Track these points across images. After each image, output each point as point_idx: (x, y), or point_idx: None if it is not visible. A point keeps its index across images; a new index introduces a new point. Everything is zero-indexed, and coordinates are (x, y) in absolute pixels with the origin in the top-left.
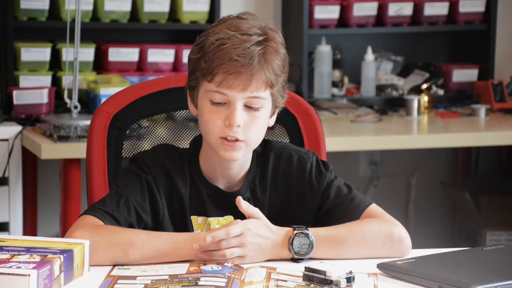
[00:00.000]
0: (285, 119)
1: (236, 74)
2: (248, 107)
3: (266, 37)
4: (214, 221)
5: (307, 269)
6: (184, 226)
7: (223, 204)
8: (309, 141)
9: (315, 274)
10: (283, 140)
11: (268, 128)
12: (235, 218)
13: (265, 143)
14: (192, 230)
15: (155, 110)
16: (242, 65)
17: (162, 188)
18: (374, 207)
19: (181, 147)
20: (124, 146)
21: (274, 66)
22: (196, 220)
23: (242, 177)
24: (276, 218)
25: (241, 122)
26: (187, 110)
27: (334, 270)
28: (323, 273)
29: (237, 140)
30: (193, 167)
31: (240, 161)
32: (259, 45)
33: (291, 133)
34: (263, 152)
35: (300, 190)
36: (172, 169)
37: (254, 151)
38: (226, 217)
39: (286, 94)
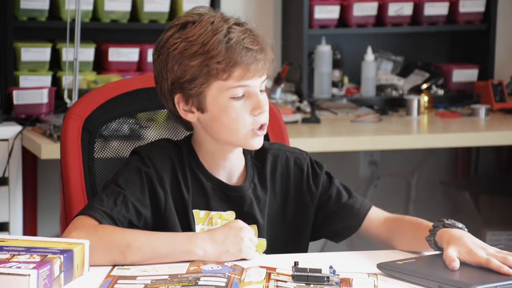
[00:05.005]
0: None
1: (256, 63)
2: (260, 91)
3: (245, 22)
4: (217, 215)
5: (298, 269)
6: (186, 219)
7: (226, 198)
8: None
9: (310, 274)
10: None
11: None
12: (236, 214)
13: None
14: (194, 224)
15: (123, 111)
16: (257, 52)
17: (164, 181)
18: (375, 210)
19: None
20: (95, 146)
21: (270, 46)
22: (198, 214)
23: (241, 174)
24: (274, 220)
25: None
26: (154, 111)
27: (323, 266)
28: (319, 271)
29: (264, 124)
30: (193, 162)
31: (236, 150)
32: (251, 31)
33: None
34: (258, 153)
35: (298, 192)
36: (175, 162)
37: (248, 152)
38: (228, 212)
39: None
